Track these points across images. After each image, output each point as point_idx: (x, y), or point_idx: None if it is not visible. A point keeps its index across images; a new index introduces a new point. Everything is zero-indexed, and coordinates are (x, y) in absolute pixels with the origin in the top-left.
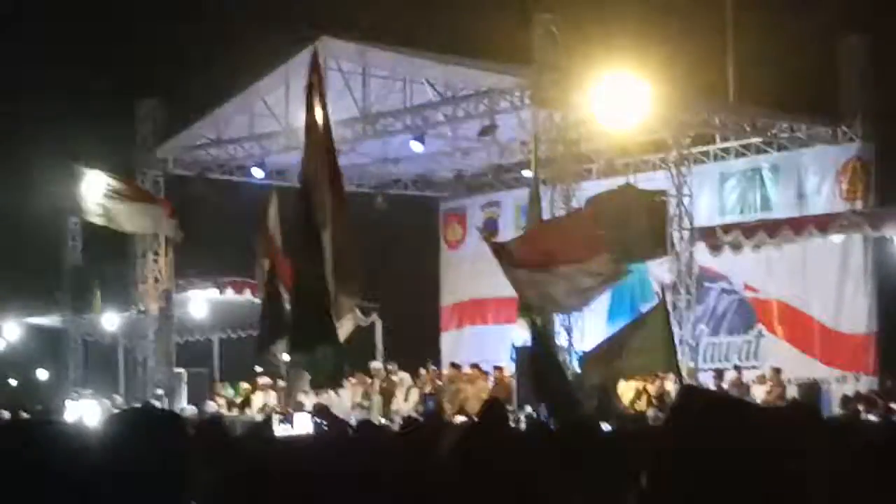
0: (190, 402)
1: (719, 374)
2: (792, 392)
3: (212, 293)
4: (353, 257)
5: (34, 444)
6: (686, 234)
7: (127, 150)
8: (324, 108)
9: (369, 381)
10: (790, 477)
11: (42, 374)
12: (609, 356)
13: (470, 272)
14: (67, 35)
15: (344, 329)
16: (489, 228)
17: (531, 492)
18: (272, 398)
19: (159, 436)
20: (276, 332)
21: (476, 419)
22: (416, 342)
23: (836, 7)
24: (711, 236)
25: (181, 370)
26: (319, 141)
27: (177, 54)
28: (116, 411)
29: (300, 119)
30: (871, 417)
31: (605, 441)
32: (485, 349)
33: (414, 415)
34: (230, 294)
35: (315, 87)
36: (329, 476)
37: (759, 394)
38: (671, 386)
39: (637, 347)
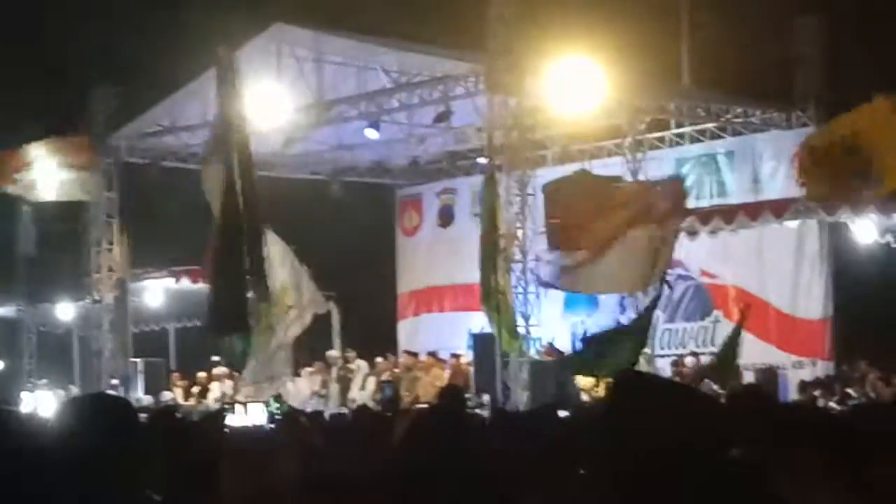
0: (146, 392)
1: (678, 360)
2: (749, 378)
3: (167, 282)
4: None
5: None
6: None
7: (80, 137)
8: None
9: (327, 369)
10: (731, 462)
11: None
12: (585, 356)
13: (426, 259)
14: (19, 18)
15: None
16: (445, 215)
17: (489, 478)
18: (228, 388)
19: (112, 422)
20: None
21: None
22: (372, 330)
23: None
24: None
25: (137, 360)
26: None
27: (131, 41)
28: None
29: (252, 107)
30: (829, 403)
31: (564, 426)
32: (442, 337)
33: (371, 403)
34: (186, 283)
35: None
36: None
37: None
38: None
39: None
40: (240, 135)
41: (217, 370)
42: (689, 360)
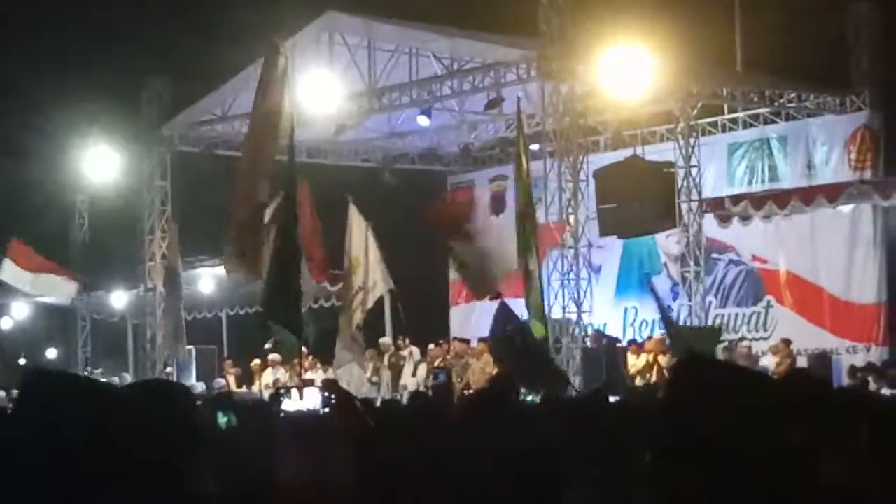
0: (199, 378)
1: (731, 345)
2: (802, 363)
3: (219, 270)
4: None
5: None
6: (694, 205)
7: (134, 128)
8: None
9: (379, 356)
10: (794, 448)
11: (51, 354)
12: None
13: None
14: (74, 10)
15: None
16: (497, 202)
17: (543, 463)
18: (281, 374)
19: (174, 406)
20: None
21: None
22: (425, 317)
23: None
24: (720, 207)
25: (190, 347)
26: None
27: (184, 31)
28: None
29: (305, 94)
30: (881, 388)
31: (616, 412)
32: None
33: (423, 389)
34: None
35: (273, 80)
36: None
37: (768, 365)
38: None
39: None
40: (285, 123)
41: (270, 357)
42: (739, 346)
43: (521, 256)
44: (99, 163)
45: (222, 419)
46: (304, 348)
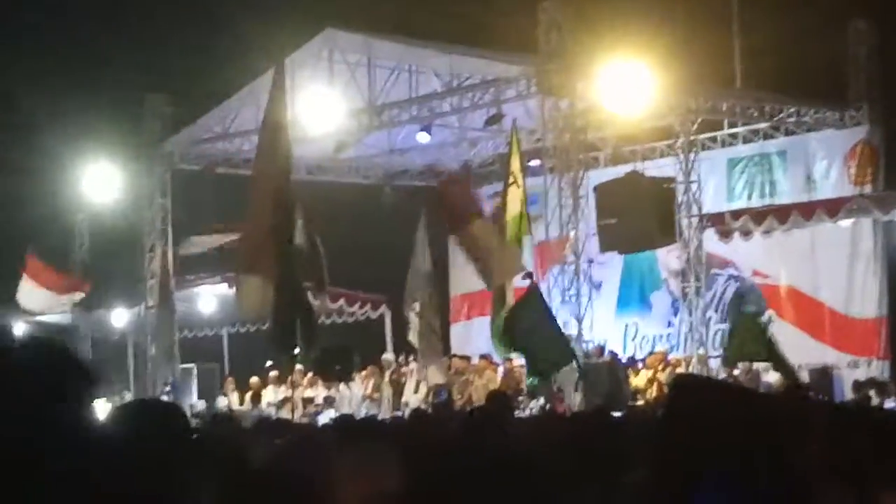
0: (200, 397)
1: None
2: (803, 378)
3: (221, 288)
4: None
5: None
6: (694, 220)
7: (134, 146)
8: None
9: (380, 373)
10: (791, 467)
11: None
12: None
13: None
14: (74, 28)
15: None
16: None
17: (539, 480)
18: (282, 392)
19: (159, 430)
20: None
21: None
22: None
23: None
24: (720, 222)
25: (191, 365)
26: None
27: (184, 49)
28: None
29: (304, 112)
30: (884, 402)
31: (616, 429)
32: None
33: (424, 406)
34: None
35: (277, 100)
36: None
37: (771, 381)
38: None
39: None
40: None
41: (271, 374)
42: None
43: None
44: (99, 181)
45: None
46: (299, 365)
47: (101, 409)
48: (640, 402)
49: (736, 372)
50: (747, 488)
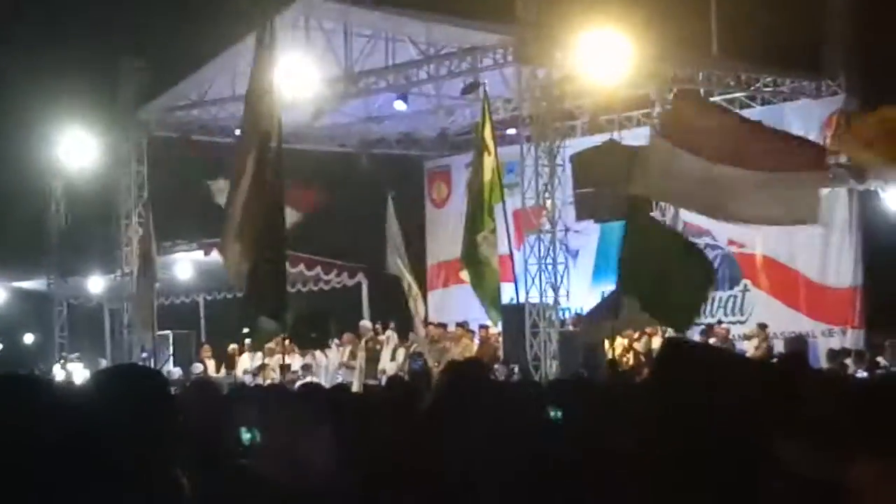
0: (176, 364)
1: (708, 328)
2: (779, 347)
3: (197, 255)
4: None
5: (21, 399)
6: None
7: (109, 112)
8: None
9: (357, 341)
10: (779, 430)
11: (28, 339)
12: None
13: (456, 230)
14: None
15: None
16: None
17: (523, 446)
18: (258, 359)
19: (141, 392)
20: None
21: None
22: (402, 302)
23: None
24: None
25: (167, 332)
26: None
27: (159, 14)
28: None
29: (281, 79)
30: (858, 371)
31: (593, 394)
32: (471, 308)
33: (401, 374)
34: (215, 256)
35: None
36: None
37: (746, 350)
38: (658, 342)
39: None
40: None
41: (247, 341)
42: (718, 330)
43: (468, 240)
44: (74, 147)
45: (246, 435)
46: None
47: (79, 374)
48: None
49: (711, 340)
50: (738, 450)
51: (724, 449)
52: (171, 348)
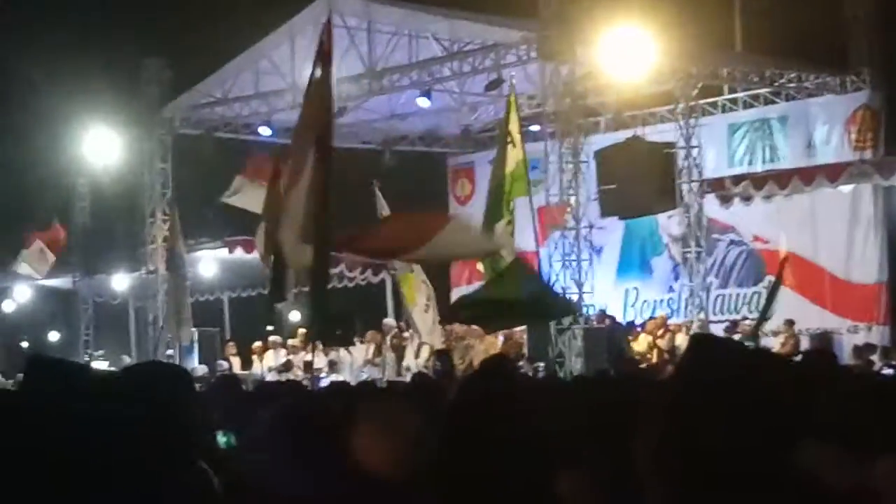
0: (201, 361)
1: (734, 325)
2: (805, 343)
3: (221, 252)
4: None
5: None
6: (695, 186)
7: (133, 110)
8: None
9: (381, 338)
10: (809, 430)
11: (53, 337)
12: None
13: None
14: None
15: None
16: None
17: (538, 444)
18: (282, 356)
19: (167, 391)
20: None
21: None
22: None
23: None
24: (721, 188)
25: (192, 330)
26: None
27: (183, 13)
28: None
29: (305, 76)
30: (883, 368)
31: (622, 392)
32: None
33: (425, 371)
34: (240, 253)
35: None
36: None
37: (773, 346)
38: (682, 339)
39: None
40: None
41: (271, 339)
42: (743, 326)
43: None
44: (99, 145)
45: (222, 439)
46: (303, 329)
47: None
48: (642, 366)
49: (737, 336)
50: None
51: (747, 446)
52: (196, 346)
